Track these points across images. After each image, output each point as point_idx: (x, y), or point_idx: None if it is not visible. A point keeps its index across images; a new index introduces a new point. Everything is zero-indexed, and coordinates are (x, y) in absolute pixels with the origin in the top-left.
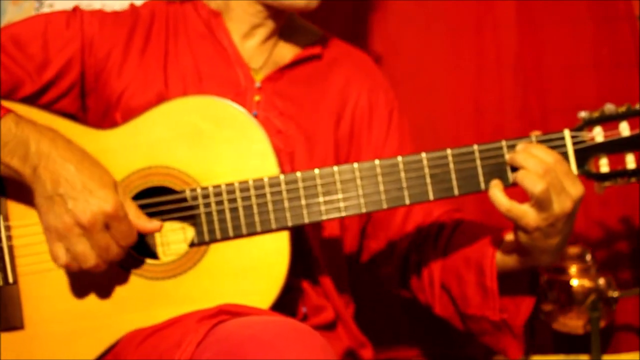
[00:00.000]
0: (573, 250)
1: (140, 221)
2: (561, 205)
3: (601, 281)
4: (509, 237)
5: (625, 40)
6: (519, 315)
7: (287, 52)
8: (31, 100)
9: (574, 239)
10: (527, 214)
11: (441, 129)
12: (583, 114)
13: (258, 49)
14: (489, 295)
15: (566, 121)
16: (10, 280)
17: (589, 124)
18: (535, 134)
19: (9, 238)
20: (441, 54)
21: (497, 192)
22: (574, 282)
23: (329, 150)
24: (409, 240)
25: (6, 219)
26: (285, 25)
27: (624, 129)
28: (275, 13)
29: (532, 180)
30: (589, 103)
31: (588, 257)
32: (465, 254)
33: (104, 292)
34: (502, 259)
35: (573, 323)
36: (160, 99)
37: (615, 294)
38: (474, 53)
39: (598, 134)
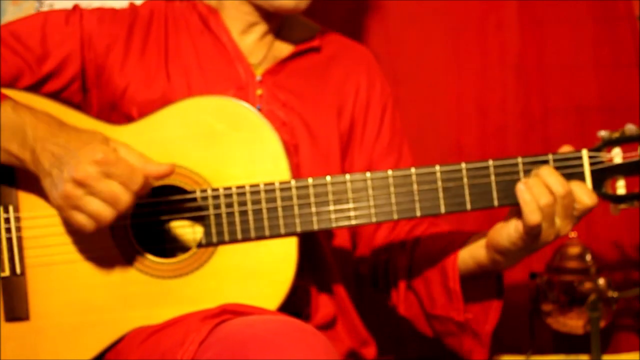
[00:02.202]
0: (573, 250)
1: (148, 165)
2: (546, 235)
3: (601, 281)
4: (478, 238)
5: (625, 40)
6: (487, 321)
7: (285, 47)
8: (31, 90)
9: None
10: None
11: (443, 129)
12: (603, 134)
13: (257, 44)
14: (453, 297)
15: (567, 121)
16: (18, 271)
17: (608, 144)
18: (562, 150)
19: (18, 229)
20: (443, 53)
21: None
22: (574, 282)
23: (333, 143)
24: (381, 240)
25: (16, 210)
26: (283, 23)
27: None
28: (267, 14)
29: (530, 210)
30: (590, 103)
31: (588, 257)
32: (431, 255)
33: (110, 288)
34: (466, 261)
35: (573, 323)
36: (164, 94)
37: (615, 294)
38: (476, 53)
39: (617, 155)
